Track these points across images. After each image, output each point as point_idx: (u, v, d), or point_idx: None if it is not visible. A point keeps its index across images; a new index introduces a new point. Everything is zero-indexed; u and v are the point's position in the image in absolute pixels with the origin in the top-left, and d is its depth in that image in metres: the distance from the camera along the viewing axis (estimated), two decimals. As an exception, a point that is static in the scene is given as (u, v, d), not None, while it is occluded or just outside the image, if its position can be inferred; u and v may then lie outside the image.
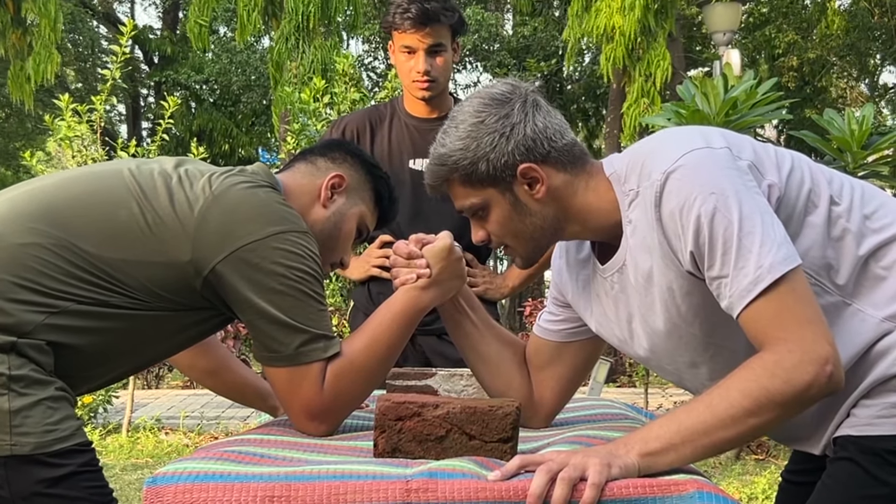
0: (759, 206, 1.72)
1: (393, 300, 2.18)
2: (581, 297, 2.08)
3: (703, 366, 1.92)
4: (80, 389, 2.03)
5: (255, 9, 14.17)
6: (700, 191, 1.71)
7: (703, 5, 15.36)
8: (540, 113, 1.90)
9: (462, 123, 1.90)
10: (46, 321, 1.90)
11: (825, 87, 23.26)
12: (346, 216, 2.30)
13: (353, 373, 2.08)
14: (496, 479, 1.60)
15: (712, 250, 1.71)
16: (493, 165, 1.87)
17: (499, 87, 1.93)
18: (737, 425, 1.66)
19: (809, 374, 1.64)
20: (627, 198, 1.86)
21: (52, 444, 1.84)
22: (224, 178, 2.08)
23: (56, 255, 1.93)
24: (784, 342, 1.66)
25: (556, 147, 1.89)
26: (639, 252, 1.85)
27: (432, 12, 3.25)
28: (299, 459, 1.82)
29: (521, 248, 1.99)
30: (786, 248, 1.69)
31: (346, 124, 3.48)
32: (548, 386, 2.22)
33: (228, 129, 23.33)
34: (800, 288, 1.69)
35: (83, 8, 23.96)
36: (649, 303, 1.88)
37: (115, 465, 6.65)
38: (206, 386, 2.60)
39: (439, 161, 1.92)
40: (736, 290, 1.70)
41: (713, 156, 1.76)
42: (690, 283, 1.79)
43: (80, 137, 8.10)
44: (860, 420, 1.82)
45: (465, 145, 1.88)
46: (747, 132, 5.67)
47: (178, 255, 1.99)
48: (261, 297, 1.99)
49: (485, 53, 21.50)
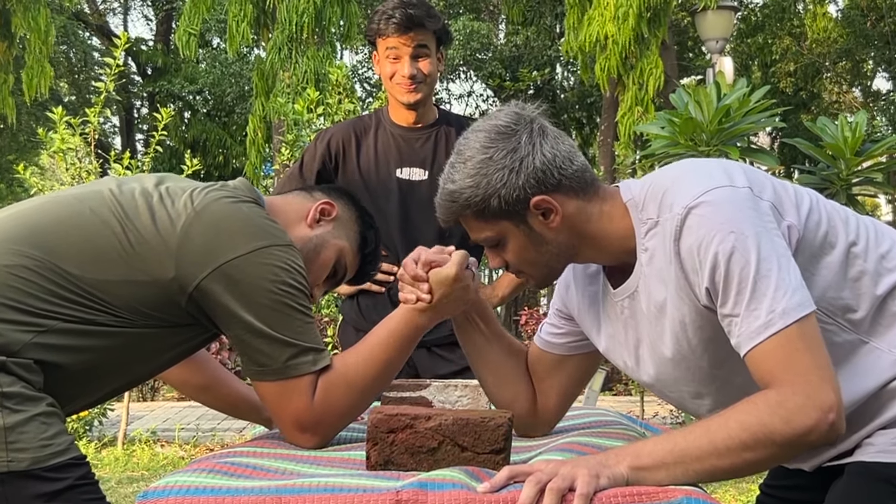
0: (777, 248, 1.71)
1: (392, 317, 2.17)
2: (588, 314, 2.08)
3: (708, 397, 1.92)
4: (67, 409, 2.02)
5: (244, 20, 14.19)
6: (720, 229, 1.71)
7: (696, 13, 15.38)
8: (547, 141, 1.87)
9: (470, 160, 1.87)
10: (34, 340, 1.90)
11: (819, 92, 23.31)
12: (328, 244, 2.29)
13: (344, 386, 2.07)
14: (485, 491, 1.61)
15: (727, 289, 1.71)
16: (505, 200, 1.85)
17: (503, 118, 1.89)
18: (731, 456, 1.65)
19: (812, 419, 1.63)
20: (644, 226, 1.85)
21: (48, 458, 1.84)
22: (206, 194, 2.08)
23: (41, 275, 1.93)
24: (790, 384, 1.65)
25: (566, 174, 1.87)
26: (654, 282, 1.85)
27: (416, 17, 3.26)
28: (292, 471, 1.82)
29: (537, 275, 1.99)
30: (800, 293, 1.69)
31: (332, 136, 3.47)
32: (550, 395, 2.22)
33: (222, 140, 23.34)
34: (810, 334, 1.68)
35: (76, 21, 23.97)
36: (659, 332, 1.88)
37: (111, 479, 6.63)
38: (200, 401, 2.59)
39: (450, 198, 1.89)
40: (745, 331, 1.70)
41: (735, 195, 1.76)
42: (703, 317, 1.79)
43: (73, 150, 8.09)
44: (875, 448, 1.83)
45: (475, 182, 1.85)
46: (740, 140, 5.68)
47: (161, 273, 1.99)
48: (247, 311, 1.99)
49: (477, 63, 21.54)
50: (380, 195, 3.33)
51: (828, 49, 22.59)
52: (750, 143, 5.95)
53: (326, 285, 2.37)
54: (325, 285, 2.36)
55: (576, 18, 14.02)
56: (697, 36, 17.30)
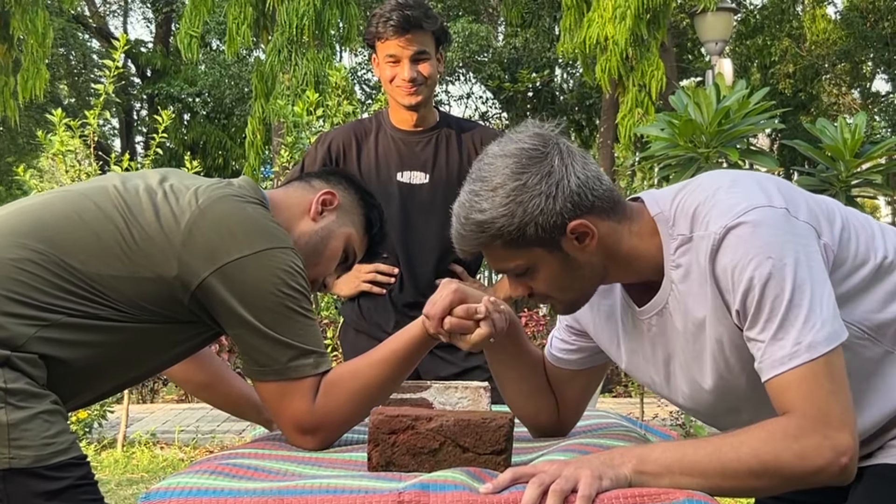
0: (813, 274, 1.69)
1: (407, 332, 2.15)
2: (605, 329, 2.05)
3: (745, 413, 1.87)
4: (70, 404, 2.03)
5: (244, 22, 14.19)
6: (757, 252, 1.68)
7: (695, 15, 15.39)
8: (577, 162, 1.80)
9: (501, 187, 1.76)
10: (38, 334, 1.91)
11: (818, 94, 23.31)
12: (335, 234, 2.31)
13: (348, 392, 2.08)
14: (488, 492, 1.60)
15: (758, 314, 1.68)
16: (542, 228, 1.76)
17: (528, 141, 1.80)
18: (736, 480, 1.64)
19: (825, 459, 1.62)
20: (675, 241, 1.82)
21: (50, 457, 1.85)
22: (211, 191, 2.08)
23: (46, 269, 1.94)
24: (811, 420, 1.63)
25: (598, 196, 1.80)
26: (692, 299, 1.81)
27: (414, 18, 3.26)
28: (293, 473, 1.83)
29: (567, 300, 1.93)
30: (829, 326, 1.66)
31: (332, 139, 3.46)
32: (569, 403, 2.23)
33: (222, 142, 23.33)
34: (836, 370, 1.65)
35: (76, 23, 23.97)
36: (697, 351, 1.85)
37: (111, 480, 6.62)
38: (202, 399, 2.60)
39: (479, 228, 1.79)
40: (769, 359, 1.68)
41: (775, 216, 1.72)
42: (740, 336, 1.76)
43: (73, 152, 8.08)
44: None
45: (509, 211, 1.75)
46: (740, 141, 5.69)
47: (165, 270, 1.99)
48: (249, 312, 2.00)
49: (476, 65, 21.54)
50: (380, 199, 3.30)
51: (827, 51, 22.60)
52: (749, 145, 5.96)
53: (339, 271, 2.39)
54: (337, 271, 2.38)
55: (572, 20, 14.01)
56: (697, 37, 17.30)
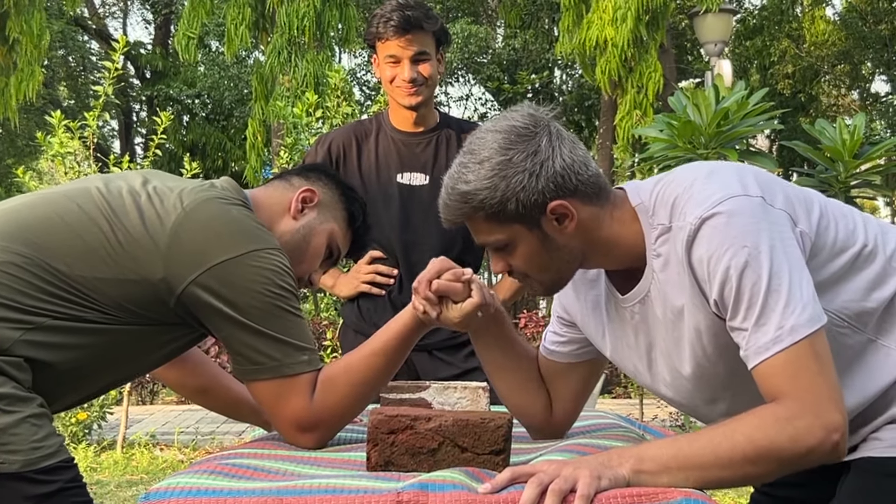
0: (790, 260, 1.71)
1: (397, 320, 2.16)
2: (591, 319, 2.07)
3: (723, 403, 1.91)
4: (56, 406, 2.03)
5: (242, 23, 14.20)
6: (732, 242, 1.70)
7: (694, 16, 15.39)
8: (565, 145, 1.84)
9: (487, 161, 1.81)
10: (23, 338, 1.90)
11: (817, 95, 23.33)
12: (316, 231, 2.30)
13: (345, 385, 2.08)
14: (486, 492, 1.61)
15: (737, 303, 1.70)
16: (523, 204, 1.80)
17: (520, 119, 1.85)
18: (733, 468, 1.66)
19: (816, 438, 1.64)
20: (655, 231, 1.84)
21: (39, 461, 1.84)
22: (196, 194, 2.08)
23: (29, 272, 1.94)
24: (800, 401, 1.65)
25: (582, 180, 1.84)
26: (671, 288, 1.84)
27: (414, 19, 3.26)
28: (293, 472, 1.83)
29: (545, 281, 1.95)
30: (810, 309, 1.68)
31: (332, 140, 3.46)
32: (564, 399, 2.22)
33: (221, 143, 23.33)
34: (820, 350, 1.68)
35: (75, 26, 23.98)
36: (676, 338, 1.87)
37: (110, 482, 6.62)
38: (199, 403, 2.59)
39: (462, 199, 1.84)
40: (753, 346, 1.70)
41: (750, 205, 1.74)
42: (718, 324, 1.78)
43: (72, 154, 8.09)
44: (883, 443, 1.85)
45: (492, 184, 1.80)
46: (739, 142, 5.69)
47: (150, 273, 1.99)
48: (238, 312, 1.99)
49: (475, 66, 21.55)
50: (380, 200, 3.33)
51: (826, 52, 22.61)
52: (748, 146, 5.97)
53: (324, 266, 2.39)
54: (322, 267, 2.38)
55: (571, 21, 14.02)
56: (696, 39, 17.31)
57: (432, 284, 2.05)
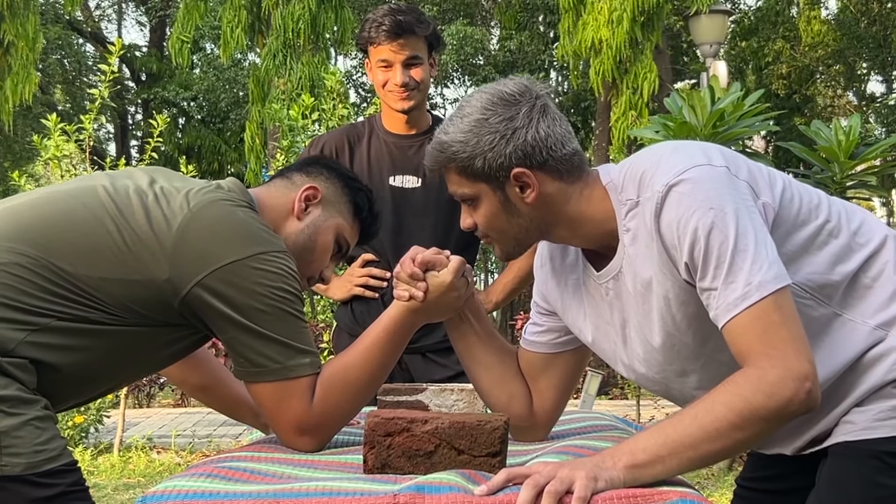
0: (754, 224, 1.76)
1: (384, 316, 2.18)
2: (573, 301, 2.09)
3: (693, 374, 1.94)
4: (61, 406, 2.03)
5: (238, 26, 14.21)
6: (700, 205, 1.76)
7: (690, 17, 15.41)
8: (545, 120, 1.91)
9: (468, 116, 1.92)
10: (28, 339, 1.90)
11: (813, 96, 23.34)
12: (322, 228, 2.29)
13: (342, 387, 2.08)
14: (483, 494, 1.61)
15: (706, 263, 1.75)
16: (489, 164, 1.89)
17: (510, 87, 1.94)
18: (722, 438, 1.68)
19: (790, 389, 1.67)
20: (624, 207, 1.89)
21: (41, 464, 1.84)
22: (202, 195, 2.07)
23: (35, 273, 1.93)
24: (767, 357, 1.69)
25: (554, 156, 1.91)
26: (639, 261, 1.88)
27: (406, 24, 3.27)
28: (289, 475, 1.83)
29: (504, 244, 2.01)
30: (776, 267, 1.73)
31: (325, 143, 3.47)
32: (544, 395, 2.22)
33: (217, 146, 23.31)
34: (786, 307, 1.73)
35: (71, 29, 23.95)
36: (646, 310, 1.91)
37: (107, 485, 6.62)
38: (199, 400, 2.59)
39: (440, 147, 1.94)
40: (723, 303, 1.73)
41: (714, 172, 1.80)
42: (686, 292, 1.82)
43: (68, 157, 8.09)
44: (857, 426, 1.87)
45: (465, 139, 1.90)
46: (735, 144, 5.69)
47: (155, 274, 1.98)
48: (242, 315, 1.99)
49: (471, 68, 21.54)
50: (373, 203, 3.33)
51: (821, 52, 22.63)
52: (744, 147, 5.97)
53: (335, 260, 2.39)
54: (333, 262, 2.38)
55: (570, 23, 14.05)
56: (691, 40, 17.33)
57: (416, 260, 2.13)
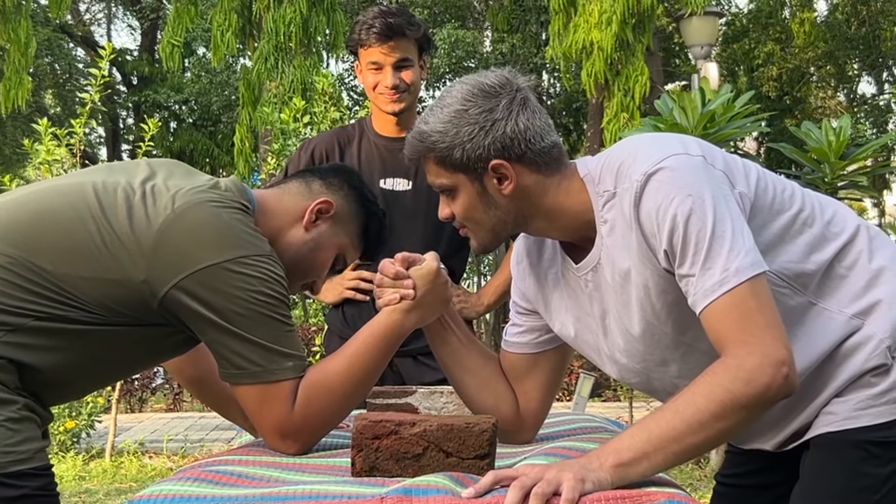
0: (731, 212, 1.78)
1: (374, 322, 2.15)
2: (554, 297, 2.09)
3: (674, 364, 1.95)
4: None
5: (229, 29, 14.18)
6: (678, 192, 1.78)
7: (681, 19, 15.42)
8: (525, 113, 1.92)
9: (448, 107, 1.93)
10: (5, 339, 1.89)
11: (804, 97, 23.39)
12: (326, 245, 2.26)
13: (326, 393, 2.06)
14: (470, 496, 1.61)
15: (684, 249, 1.76)
16: (468, 155, 1.90)
17: (492, 78, 1.95)
18: (705, 430, 1.69)
19: (768, 375, 1.69)
20: (602, 198, 1.90)
21: (8, 465, 1.84)
22: (190, 196, 2.04)
23: (13, 273, 1.92)
24: (744, 345, 1.71)
25: (532, 149, 1.92)
26: (617, 251, 1.89)
27: (396, 26, 3.27)
28: (277, 479, 1.82)
29: (480, 235, 2.02)
30: (753, 254, 1.76)
31: (315, 146, 3.46)
32: (530, 397, 2.22)
33: (209, 150, 23.30)
34: (762, 293, 1.75)
35: (61, 33, 23.91)
36: (625, 300, 1.92)
37: (99, 490, 6.60)
38: (193, 392, 2.58)
39: (419, 137, 1.95)
40: (701, 289, 1.75)
41: (691, 162, 1.83)
42: (666, 281, 1.84)
43: (59, 161, 8.08)
44: (837, 416, 1.89)
45: (444, 129, 1.91)
46: (725, 145, 5.70)
47: (132, 274, 1.97)
48: (221, 318, 1.97)
49: (463, 71, 21.55)
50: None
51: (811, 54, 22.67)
52: (736, 149, 5.97)
53: (329, 276, 2.38)
54: (328, 276, 2.36)
55: (560, 25, 14.04)
56: (683, 42, 17.35)
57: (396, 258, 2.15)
